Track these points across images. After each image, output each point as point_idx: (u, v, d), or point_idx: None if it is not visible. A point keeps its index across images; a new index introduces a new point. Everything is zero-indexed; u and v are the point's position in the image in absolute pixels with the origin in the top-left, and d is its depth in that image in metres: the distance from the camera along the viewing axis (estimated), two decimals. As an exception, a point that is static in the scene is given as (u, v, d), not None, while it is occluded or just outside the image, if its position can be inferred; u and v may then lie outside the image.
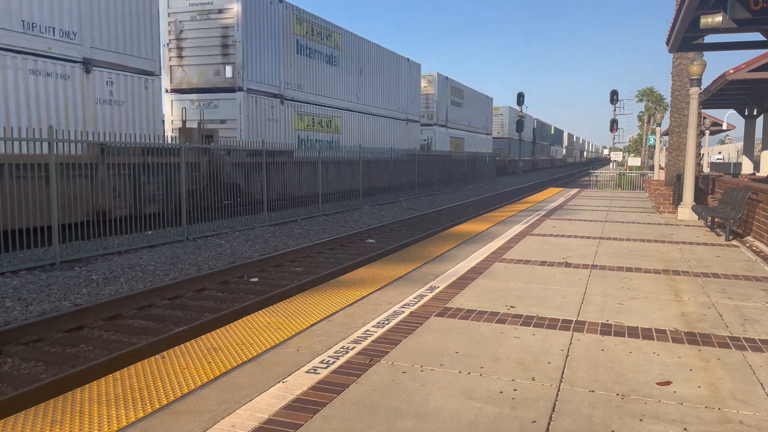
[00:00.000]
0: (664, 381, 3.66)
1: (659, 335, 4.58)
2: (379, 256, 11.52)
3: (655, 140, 29.15)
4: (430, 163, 31.15)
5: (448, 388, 3.54)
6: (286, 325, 4.81)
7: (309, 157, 20.20)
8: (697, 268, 7.29)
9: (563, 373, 3.79)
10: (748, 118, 21.00)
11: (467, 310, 5.24)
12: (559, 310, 5.26)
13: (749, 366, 3.94)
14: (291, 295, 7.90)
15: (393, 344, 4.33)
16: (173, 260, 10.94)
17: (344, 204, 21.14)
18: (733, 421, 3.14)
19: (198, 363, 3.93)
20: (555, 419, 3.13)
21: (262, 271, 10.28)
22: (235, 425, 3.05)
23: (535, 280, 6.52)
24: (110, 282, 9.19)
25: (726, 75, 14.68)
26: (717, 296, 5.84)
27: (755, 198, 9.85)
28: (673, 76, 15.14)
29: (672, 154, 15.72)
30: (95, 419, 3.10)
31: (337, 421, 3.11)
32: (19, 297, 8.11)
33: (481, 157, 41.44)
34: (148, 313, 7.73)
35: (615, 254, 8.20)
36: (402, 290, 5.98)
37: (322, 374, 3.75)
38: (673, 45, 10.56)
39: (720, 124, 31.10)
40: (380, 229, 15.76)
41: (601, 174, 38.86)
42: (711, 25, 8.60)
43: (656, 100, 64.97)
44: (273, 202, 16.99)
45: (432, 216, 19.56)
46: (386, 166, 25.94)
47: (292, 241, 13.70)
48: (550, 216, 13.28)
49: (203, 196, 14.49)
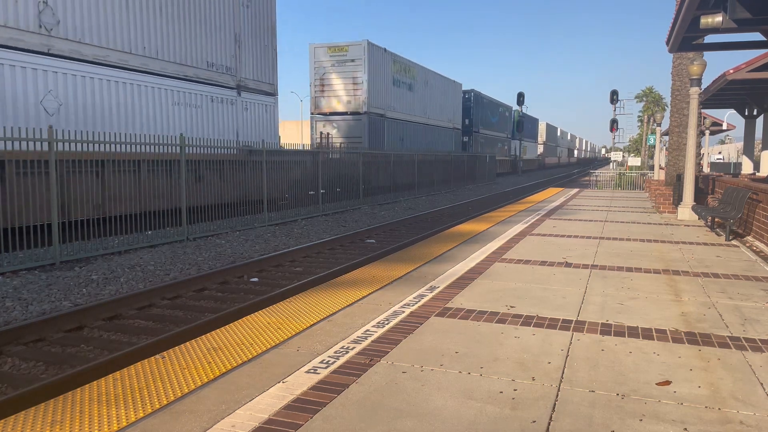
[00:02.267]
0: (664, 381, 3.66)
1: (659, 335, 4.58)
2: (379, 256, 11.52)
3: (655, 140, 29.17)
4: (430, 163, 31.16)
5: (448, 388, 3.53)
6: (286, 325, 4.81)
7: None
8: (697, 268, 7.29)
9: (563, 373, 3.79)
10: (748, 118, 21.00)
11: (467, 310, 5.24)
12: (559, 310, 5.26)
13: (749, 366, 3.94)
14: (291, 295, 7.90)
15: (393, 344, 4.33)
16: (173, 260, 10.94)
17: (344, 204, 21.15)
18: (733, 421, 3.14)
19: (198, 363, 3.93)
20: (555, 419, 3.13)
21: (262, 271, 10.28)
22: (235, 425, 3.05)
23: (535, 280, 6.52)
24: (110, 282, 9.19)
25: (726, 75, 14.68)
26: (717, 296, 5.84)
27: (755, 198, 9.85)
28: (673, 76, 15.14)
29: (672, 154, 15.72)
30: (95, 419, 3.10)
31: (337, 421, 3.11)
32: (19, 297, 8.11)
33: (482, 157, 41.44)
34: (148, 313, 7.73)
35: (615, 254, 8.20)
36: (402, 290, 5.98)
37: (322, 374, 3.75)
38: (673, 45, 10.56)
39: (720, 124, 31.10)
40: (380, 229, 15.76)
41: (601, 174, 38.85)
42: (711, 25, 8.59)
43: (656, 100, 65.01)
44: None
45: (432, 216, 19.56)
46: (387, 167, 26.03)
47: (292, 241, 13.70)
48: (550, 216, 13.28)
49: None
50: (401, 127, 31.36)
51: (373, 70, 27.52)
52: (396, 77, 30.55)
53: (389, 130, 29.58)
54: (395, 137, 30.57)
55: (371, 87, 27.41)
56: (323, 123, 27.88)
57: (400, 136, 31.10)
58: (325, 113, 27.85)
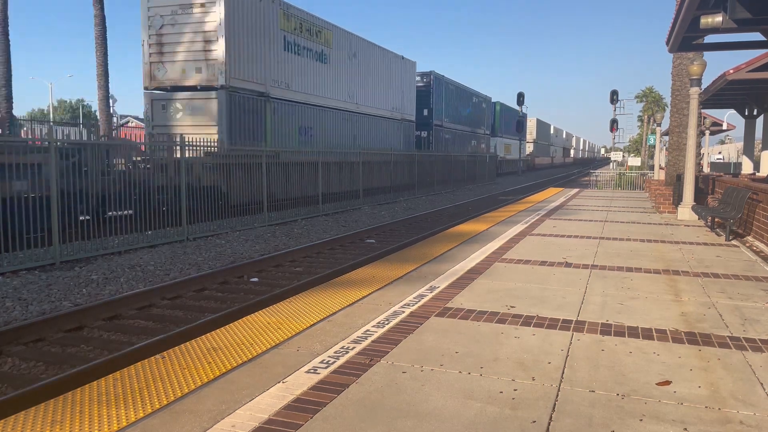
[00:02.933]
0: (664, 381, 3.66)
1: (659, 335, 4.58)
2: (379, 256, 11.52)
3: (655, 140, 29.17)
4: (430, 163, 31.17)
5: (448, 388, 3.53)
6: (286, 325, 4.81)
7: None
8: (697, 268, 7.29)
9: (563, 373, 3.79)
10: (748, 118, 21.00)
11: (467, 310, 5.24)
12: (559, 310, 5.26)
13: (749, 366, 3.94)
14: (291, 295, 7.88)
15: (393, 344, 4.33)
16: (173, 260, 10.94)
17: (344, 204, 21.15)
18: (733, 421, 3.14)
19: (198, 363, 3.93)
20: (555, 419, 3.13)
21: (262, 271, 10.28)
22: (235, 425, 3.05)
23: (535, 280, 6.52)
24: (110, 282, 9.19)
25: (726, 75, 14.68)
26: (717, 296, 5.84)
27: (755, 198, 9.85)
28: (673, 76, 15.14)
29: (672, 154, 15.72)
30: (95, 419, 3.10)
31: (337, 421, 3.11)
32: (19, 297, 8.10)
33: (481, 157, 41.39)
34: (148, 313, 7.73)
35: (615, 254, 8.20)
36: (402, 290, 5.98)
37: (322, 374, 3.74)
38: (673, 45, 10.56)
39: (720, 124, 31.12)
40: (380, 229, 15.76)
41: (600, 174, 38.87)
42: (711, 25, 8.59)
43: (656, 100, 65.04)
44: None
45: (432, 216, 19.56)
46: (386, 167, 25.95)
47: (292, 241, 13.70)
48: (550, 216, 13.28)
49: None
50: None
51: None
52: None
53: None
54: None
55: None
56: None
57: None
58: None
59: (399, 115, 30.51)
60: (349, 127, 25.30)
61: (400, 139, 30.87)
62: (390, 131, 29.59)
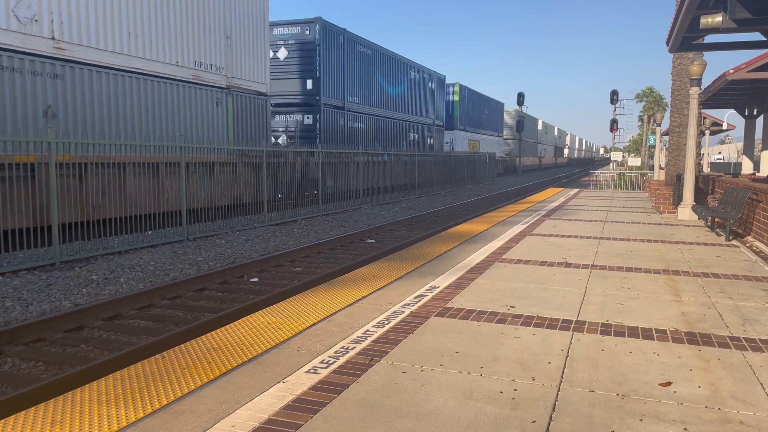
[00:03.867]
0: (665, 381, 3.66)
1: (659, 335, 4.58)
2: (379, 256, 11.52)
3: (655, 140, 29.17)
4: (430, 163, 31.19)
5: (448, 388, 3.53)
6: (286, 325, 4.81)
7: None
8: (697, 268, 7.29)
9: (563, 373, 3.79)
10: (748, 118, 21.01)
11: (467, 310, 5.24)
12: (559, 310, 5.26)
13: (749, 366, 3.94)
14: (291, 295, 7.90)
15: (393, 344, 4.33)
16: (173, 260, 10.94)
17: (344, 204, 21.15)
18: (734, 421, 3.14)
19: (198, 363, 3.93)
20: (555, 419, 3.13)
21: (262, 271, 10.28)
22: (235, 425, 3.05)
23: (535, 280, 6.52)
24: (110, 282, 9.19)
25: (726, 75, 14.69)
26: (717, 296, 5.84)
27: (755, 198, 9.85)
28: (673, 76, 15.14)
29: (672, 154, 15.72)
30: (95, 419, 3.10)
31: (338, 421, 3.11)
32: (19, 297, 8.11)
33: (482, 157, 41.40)
34: (148, 313, 7.73)
35: (615, 254, 8.20)
36: (402, 290, 5.98)
37: (322, 374, 3.74)
38: (673, 45, 10.56)
39: (720, 124, 31.12)
40: (380, 229, 15.76)
41: (600, 174, 38.86)
42: (711, 25, 8.60)
43: (656, 100, 65.03)
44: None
45: (432, 216, 19.56)
46: (386, 167, 25.98)
47: (292, 241, 13.70)
48: (550, 216, 13.28)
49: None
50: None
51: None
52: None
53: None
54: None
55: None
56: None
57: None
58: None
59: (221, 81, 16.52)
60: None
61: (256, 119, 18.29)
62: (249, 109, 17.85)
